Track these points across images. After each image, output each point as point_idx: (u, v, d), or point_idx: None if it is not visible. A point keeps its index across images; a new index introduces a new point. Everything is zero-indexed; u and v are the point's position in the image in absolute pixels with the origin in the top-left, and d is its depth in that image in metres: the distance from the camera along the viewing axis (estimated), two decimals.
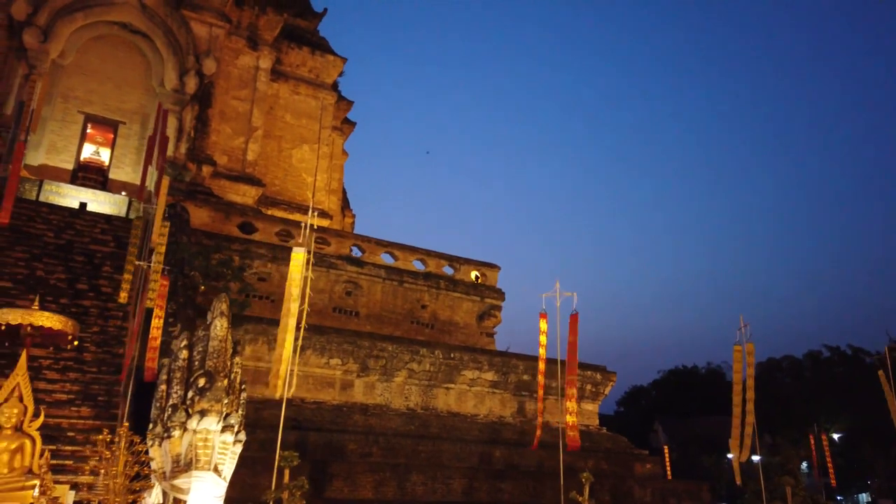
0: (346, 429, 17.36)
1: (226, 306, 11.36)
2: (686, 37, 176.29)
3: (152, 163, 19.44)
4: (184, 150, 22.35)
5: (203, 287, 16.73)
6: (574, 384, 10.63)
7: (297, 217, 26.60)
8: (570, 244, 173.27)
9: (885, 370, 14.26)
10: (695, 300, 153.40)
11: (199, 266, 17.31)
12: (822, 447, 27.81)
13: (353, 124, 33.51)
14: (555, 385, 21.94)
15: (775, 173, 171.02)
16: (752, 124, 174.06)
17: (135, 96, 22.61)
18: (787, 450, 20.35)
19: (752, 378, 12.63)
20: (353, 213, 33.96)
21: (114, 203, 20.38)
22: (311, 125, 28.90)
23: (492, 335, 24.88)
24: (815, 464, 29.11)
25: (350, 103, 32.55)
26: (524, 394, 21.43)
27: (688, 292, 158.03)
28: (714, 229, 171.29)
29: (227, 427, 10.56)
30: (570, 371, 10.66)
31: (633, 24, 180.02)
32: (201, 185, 22.76)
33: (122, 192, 21.04)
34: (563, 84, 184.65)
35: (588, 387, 22.53)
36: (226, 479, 10.41)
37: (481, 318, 24.61)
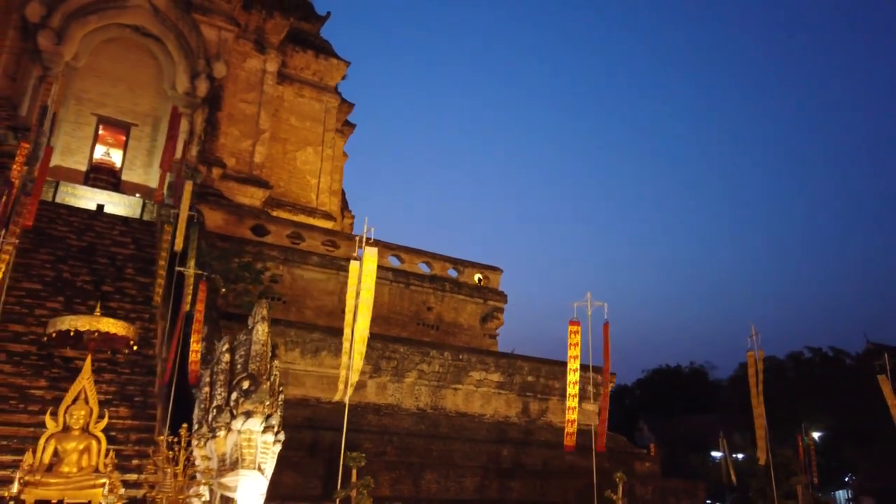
0: (361, 428, 17.83)
1: (266, 311, 11.86)
2: (686, 37, 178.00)
3: (170, 166, 19.79)
4: (195, 152, 22.65)
5: (224, 290, 17.11)
6: (608, 388, 11.18)
7: (301, 218, 27.02)
8: (557, 242, 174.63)
9: (886, 374, 15.04)
10: (678, 301, 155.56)
11: (218, 269, 17.67)
12: (808, 446, 28.78)
13: (353, 126, 33.90)
14: (559, 386, 22.64)
15: (765, 176, 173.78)
16: (745, 125, 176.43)
17: (147, 99, 22.87)
18: (786, 449, 21.15)
19: (762, 384, 13.34)
20: (353, 214, 34.40)
21: (128, 205, 20.66)
22: (314, 128, 29.28)
23: (494, 336, 25.49)
24: (801, 462, 30.10)
25: (351, 106, 32.91)
26: (528, 394, 22.04)
27: (671, 293, 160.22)
28: (698, 231, 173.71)
29: (268, 427, 11.08)
30: (605, 376, 11.21)
31: (635, 25, 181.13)
32: (211, 187, 23.08)
33: (136, 194, 21.32)
34: (563, 84, 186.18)
35: (589, 388, 23.15)
36: (267, 477, 10.92)
37: (484, 319, 25.21)
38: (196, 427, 11.24)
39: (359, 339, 10.20)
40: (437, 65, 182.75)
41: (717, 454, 50.88)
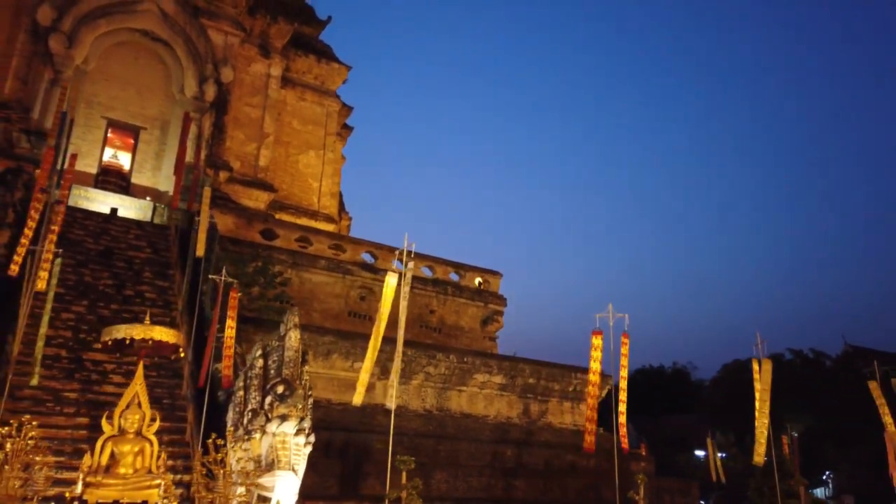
0: (373, 429, 18.32)
1: (298, 319, 12.33)
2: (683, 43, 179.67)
3: (176, 169, 20.13)
4: (203, 156, 22.95)
5: (240, 294, 17.47)
6: (624, 395, 11.80)
7: (304, 221, 27.42)
8: (540, 240, 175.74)
9: (877, 381, 15.77)
10: (660, 302, 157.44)
11: (232, 273, 18.05)
12: (793, 446, 29.69)
13: (351, 129, 34.30)
14: (558, 388, 23.32)
15: (748, 179, 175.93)
16: (730, 128, 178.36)
17: (155, 102, 23.13)
18: (782, 450, 21.96)
19: (768, 391, 14.02)
20: (350, 216, 34.81)
21: (139, 208, 20.94)
22: (316, 131, 29.66)
23: (494, 339, 26.10)
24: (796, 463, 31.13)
25: (350, 109, 33.30)
26: (529, 396, 22.66)
27: (652, 294, 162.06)
28: (679, 233, 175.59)
29: (300, 430, 11.60)
30: (623, 384, 11.82)
31: (638, 28, 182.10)
32: (219, 190, 23.35)
33: (147, 198, 21.60)
34: (556, 87, 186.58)
35: (586, 389, 23.87)
36: (300, 477, 11.45)
37: (485, 322, 25.79)
38: (231, 429, 11.71)
39: (398, 346, 10.65)
40: (432, 66, 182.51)
41: (700, 453, 52.14)
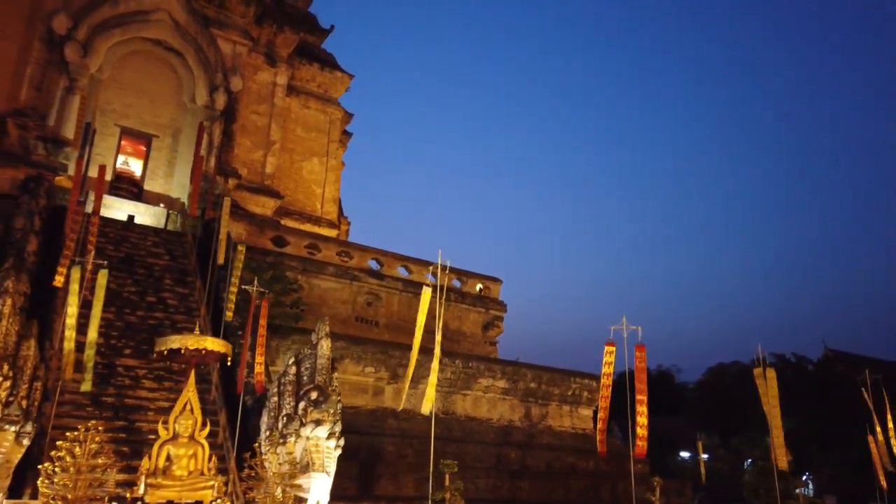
0: (384, 432, 18.98)
1: (328, 328, 12.97)
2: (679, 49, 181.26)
3: (193, 177, 20.63)
4: (213, 163, 23.43)
5: (257, 301, 18.02)
6: (644, 405, 12.54)
7: (308, 227, 27.99)
8: (525, 240, 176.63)
9: (867, 389, 16.64)
10: (644, 304, 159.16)
11: (248, 280, 18.58)
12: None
13: (350, 135, 34.88)
14: (557, 392, 24.09)
15: (735, 182, 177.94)
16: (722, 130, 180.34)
17: (167, 111, 23.57)
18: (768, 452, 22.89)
19: (777, 397, 14.85)
20: (349, 221, 35.37)
21: (153, 215, 21.39)
22: (319, 138, 30.21)
23: (494, 344, 26.83)
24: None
25: (350, 116, 33.87)
26: (530, 400, 23.42)
27: (636, 296, 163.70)
28: (665, 238, 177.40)
29: (331, 434, 12.24)
30: (640, 392, 12.56)
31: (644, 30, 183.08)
32: (228, 197, 23.85)
33: (161, 204, 22.05)
34: (547, 94, 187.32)
35: (585, 394, 24.72)
36: (331, 478, 12.06)
37: (486, 328, 26.51)
38: (267, 433, 12.32)
39: (435, 356, 11.31)
40: (430, 73, 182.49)
41: (685, 454, 53.28)
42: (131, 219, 20.13)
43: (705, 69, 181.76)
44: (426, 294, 11.88)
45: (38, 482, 10.50)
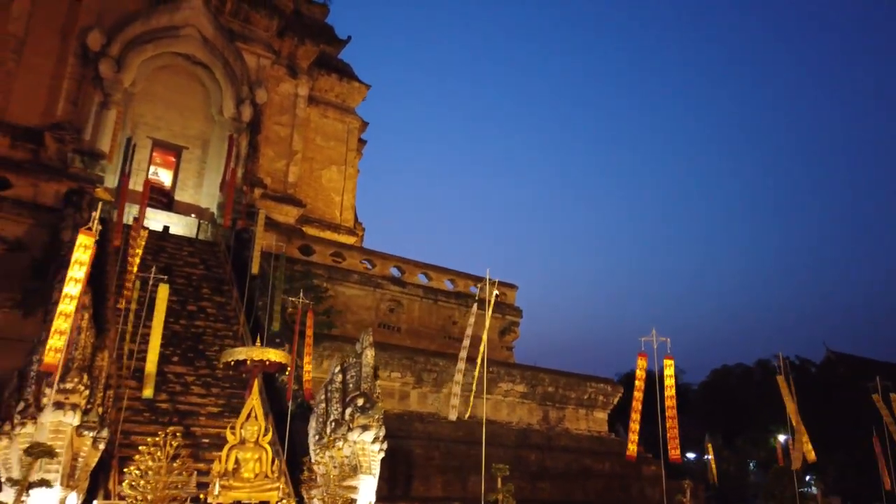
0: (411, 435, 19.72)
1: (371, 339, 13.72)
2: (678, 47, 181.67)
3: (227, 189, 21.38)
4: (240, 174, 24.16)
5: (290, 308, 18.76)
6: (672, 411, 13.26)
7: (328, 234, 28.74)
8: (524, 240, 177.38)
9: (879, 394, 17.38)
10: (645, 304, 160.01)
11: (281, 288, 19.32)
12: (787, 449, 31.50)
13: (365, 142, 35.64)
14: (574, 396, 24.84)
15: (738, 184, 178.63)
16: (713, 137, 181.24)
17: (196, 123, 24.31)
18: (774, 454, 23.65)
19: (795, 403, 15.63)
20: (363, 227, 36.11)
21: (185, 224, 22.13)
22: (338, 147, 30.96)
23: (511, 348, 27.58)
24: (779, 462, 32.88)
25: (366, 124, 34.62)
26: (548, 403, 24.18)
27: (638, 298, 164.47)
28: (668, 239, 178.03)
29: (375, 438, 12.98)
30: (669, 400, 13.28)
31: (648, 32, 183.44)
32: (254, 206, 24.57)
33: (192, 215, 22.79)
34: (547, 94, 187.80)
35: (600, 398, 25.49)
36: (376, 480, 12.81)
37: (503, 333, 27.27)
38: (316, 438, 13.07)
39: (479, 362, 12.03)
40: (437, 75, 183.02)
41: (691, 455, 54.03)
42: (166, 229, 20.84)
43: (705, 69, 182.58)
44: (474, 309, 12.54)
45: (108, 485, 11.29)
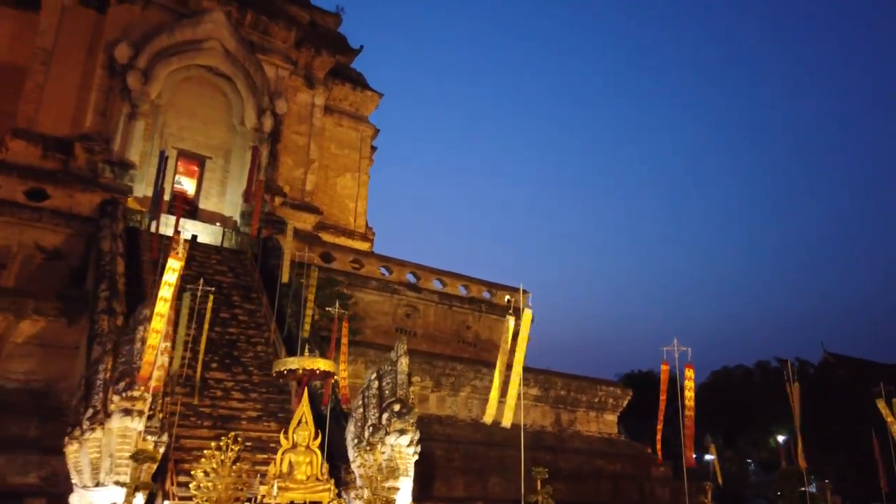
0: (432, 437, 20.42)
1: (406, 347, 14.44)
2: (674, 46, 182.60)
3: (254, 198, 22.09)
4: (257, 182, 24.82)
5: (317, 315, 19.46)
6: (690, 421, 13.99)
7: (342, 240, 29.43)
8: (526, 240, 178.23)
9: (883, 398, 18.08)
10: (645, 304, 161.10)
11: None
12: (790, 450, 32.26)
13: (375, 149, 36.35)
14: (585, 399, 25.61)
15: (745, 179, 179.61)
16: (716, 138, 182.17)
17: (218, 133, 24.97)
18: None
19: (799, 408, 16.38)
20: (373, 232, 36.83)
21: (210, 233, 22.79)
22: (352, 155, 31.70)
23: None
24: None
25: (377, 131, 35.34)
26: (560, 406, 24.95)
27: (638, 300, 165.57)
28: (670, 240, 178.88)
29: (411, 442, 13.71)
30: (689, 410, 14.00)
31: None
32: (274, 214, 25.30)
33: (217, 223, 23.47)
34: (546, 94, 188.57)
35: (610, 400, 26.29)
36: (412, 481, 13.54)
37: (514, 338, 27.94)
38: (355, 441, 13.79)
39: (515, 374, 12.76)
40: (437, 75, 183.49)
41: (708, 456, 54.92)
42: (194, 238, 21.50)
43: (704, 69, 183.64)
44: (510, 320, 13.30)
45: (165, 486, 11.98)
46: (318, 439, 11.56)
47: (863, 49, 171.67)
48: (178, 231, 16.18)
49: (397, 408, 13.53)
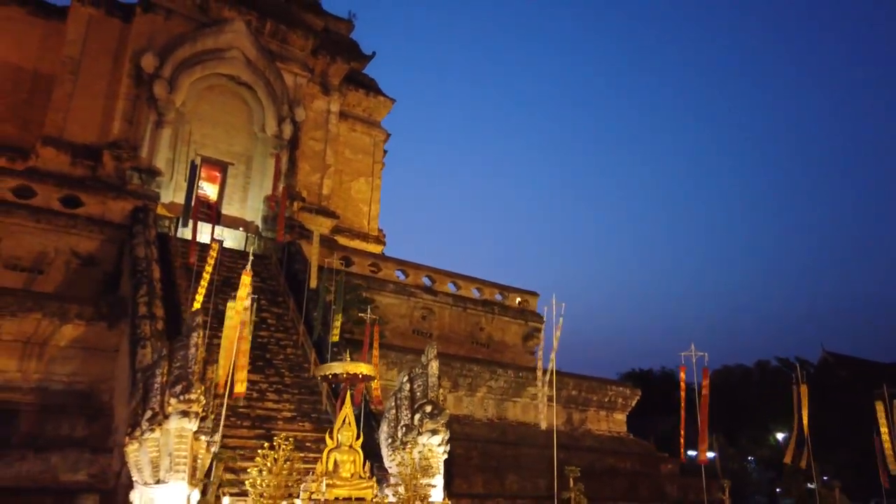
0: (452, 436, 21.05)
1: (436, 351, 15.16)
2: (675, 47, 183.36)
3: (278, 205, 22.82)
4: (281, 188, 25.53)
5: (343, 320, 20.14)
6: (706, 424, 14.69)
7: (357, 243, 30.15)
8: (531, 240, 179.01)
9: (883, 401, 18.83)
10: (645, 305, 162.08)
11: (330, 299, 20.70)
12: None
13: (386, 152, 37.05)
14: (595, 399, 26.37)
15: (745, 180, 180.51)
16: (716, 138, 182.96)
17: (240, 140, 25.66)
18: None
19: (806, 408, 17.15)
20: (384, 234, 37.54)
21: (233, 238, 23.49)
22: (365, 160, 32.42)
23: (534, 353, 29.05)
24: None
25: (388, 135, 36.03)
26: (572, 406, 25.71)
27: (639, 297, 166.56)
28: (671, 240, 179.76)
29: (442, 441, 14.42)
30: (703, 410, 14.73)
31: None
32: (294, 219, 25.98)
33: (240, 228, 24.17)
34: (547, 94, 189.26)
35: (619, 400, 27.05)
36: (442, 479, 14.26)
37: (526, 338, 28.77)
38: (388, 441, 14.51)
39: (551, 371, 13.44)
40: (441, 75, 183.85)
41: (692, 453, 55.80)
42: (220, 243, 22.17)
43: (705, 69, 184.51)
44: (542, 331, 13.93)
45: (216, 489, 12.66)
46: (361, 439, 12.28)
47: (864, 50, 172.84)
48: (218, 240, 16.81)
49: (429, 409, 14.23)
